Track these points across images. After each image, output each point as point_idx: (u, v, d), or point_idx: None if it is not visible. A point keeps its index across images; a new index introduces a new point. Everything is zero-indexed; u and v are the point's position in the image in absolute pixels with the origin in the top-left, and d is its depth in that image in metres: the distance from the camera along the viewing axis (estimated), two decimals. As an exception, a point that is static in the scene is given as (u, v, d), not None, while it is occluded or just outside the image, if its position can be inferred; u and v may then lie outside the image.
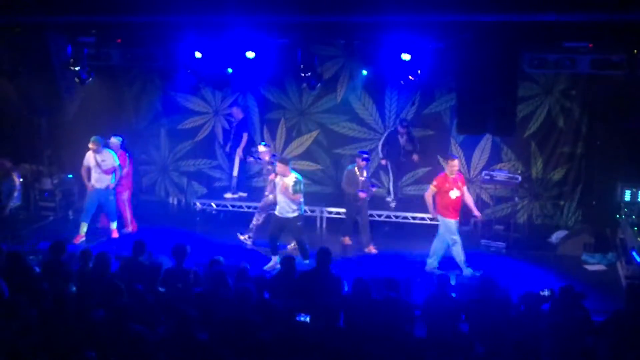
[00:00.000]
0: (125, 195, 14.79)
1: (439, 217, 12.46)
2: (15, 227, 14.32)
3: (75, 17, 12.30)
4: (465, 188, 12.63)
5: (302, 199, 12.71)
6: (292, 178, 12.46)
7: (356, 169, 13.71)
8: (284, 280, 9.63)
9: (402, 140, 15.27)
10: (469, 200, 12.81)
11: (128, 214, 14.87)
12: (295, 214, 12.67)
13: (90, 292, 8.91)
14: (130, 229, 14.81)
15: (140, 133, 17.35)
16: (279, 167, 12.59)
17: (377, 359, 7.60)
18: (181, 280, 9.58)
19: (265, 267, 12.69)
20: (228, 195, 16.15)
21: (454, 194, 12.21)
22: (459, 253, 12.33)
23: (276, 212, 12.78)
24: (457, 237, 12.36)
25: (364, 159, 13.65)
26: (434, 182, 12.35)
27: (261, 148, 14.26)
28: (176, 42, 12.98)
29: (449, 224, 12.30)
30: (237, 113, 16.03)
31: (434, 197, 12.39)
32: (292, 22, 11.96)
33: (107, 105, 16.31)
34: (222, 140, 16.98)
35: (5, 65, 13.10)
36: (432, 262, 12.58)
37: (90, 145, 13.80)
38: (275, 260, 12.76)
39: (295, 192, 12.41)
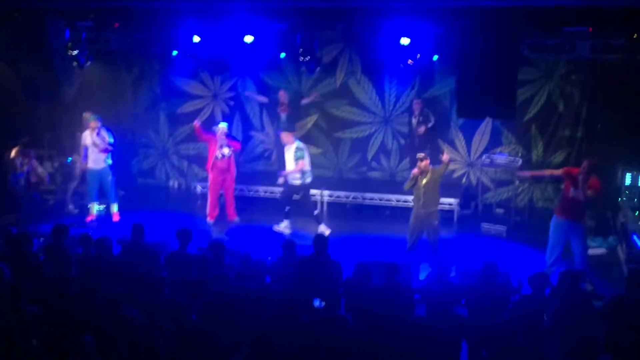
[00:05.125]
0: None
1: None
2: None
3: (73, 2, 12.27)
4: None
5: (307, 168, 13.38)
6: (293, 146, 13.28)
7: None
8: (284, 266, 9.63)
9: (414, 120, 15.39)
10: None
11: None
12: (298, 182, 13.43)
13: (92, 276, 8.92)
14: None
15: (140, 117, 17.35)
16: (284, 136, 13.43)
17: (378, 344, 7.61)
18: (183, 264, 9.58)
19: (274, 228, 13.62)
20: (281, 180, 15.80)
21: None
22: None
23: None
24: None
25: None
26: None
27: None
28: (175, 26, 12.93)
29: None
30: (284, 97, 16.00)
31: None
32: (291, 6, 11.92)
33: (106, 89, 16.34)
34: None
35: (3, 50, 13.05)
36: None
37: (92, 124, 13.98)
38: (285, 224, 13.69)
39: (296, 159, 13.17)
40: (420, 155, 11.96)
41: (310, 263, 9.59)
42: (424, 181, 11.81)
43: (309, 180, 13.62)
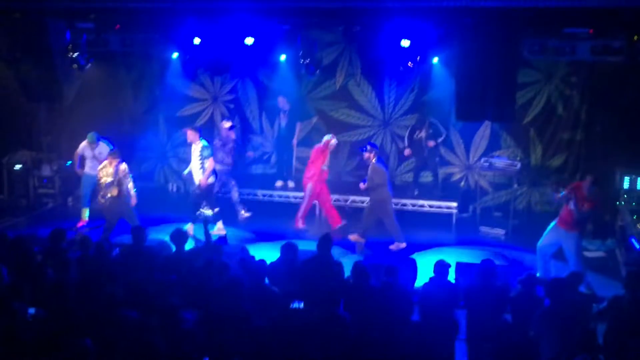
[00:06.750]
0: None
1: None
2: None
3: (74, 3, 12.29)
4: None
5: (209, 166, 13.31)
6: (199, 145, 13.26)
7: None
8: (285, 267, 9.61)
9: (422, 134, 15.28)
10: None
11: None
12: (212, 180, 13.44)
13: (90, 279, 8.89)
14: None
15: (139, 119, 17.32)
16: (190, 134, 13.35)
17: (376, 345, 7.61)
18: (180, 267, 9.55)
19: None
20: (279, 183, 16.07)
21: None
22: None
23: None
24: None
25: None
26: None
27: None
28: (175, 28, 12.95)
29: None
30: (284, 104, 15.88)
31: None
32: (291, 8, 11.93)
33: (105, 91, 16.32)
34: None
35: (4, 51, 13.08)
36: None
37: (88, 142, 13.99)
38: (189, 225, 13.51)
39: (203, 157, 13.16)
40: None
41: (312, 264, 9.58)
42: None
43: (211, 180, 13.50)
